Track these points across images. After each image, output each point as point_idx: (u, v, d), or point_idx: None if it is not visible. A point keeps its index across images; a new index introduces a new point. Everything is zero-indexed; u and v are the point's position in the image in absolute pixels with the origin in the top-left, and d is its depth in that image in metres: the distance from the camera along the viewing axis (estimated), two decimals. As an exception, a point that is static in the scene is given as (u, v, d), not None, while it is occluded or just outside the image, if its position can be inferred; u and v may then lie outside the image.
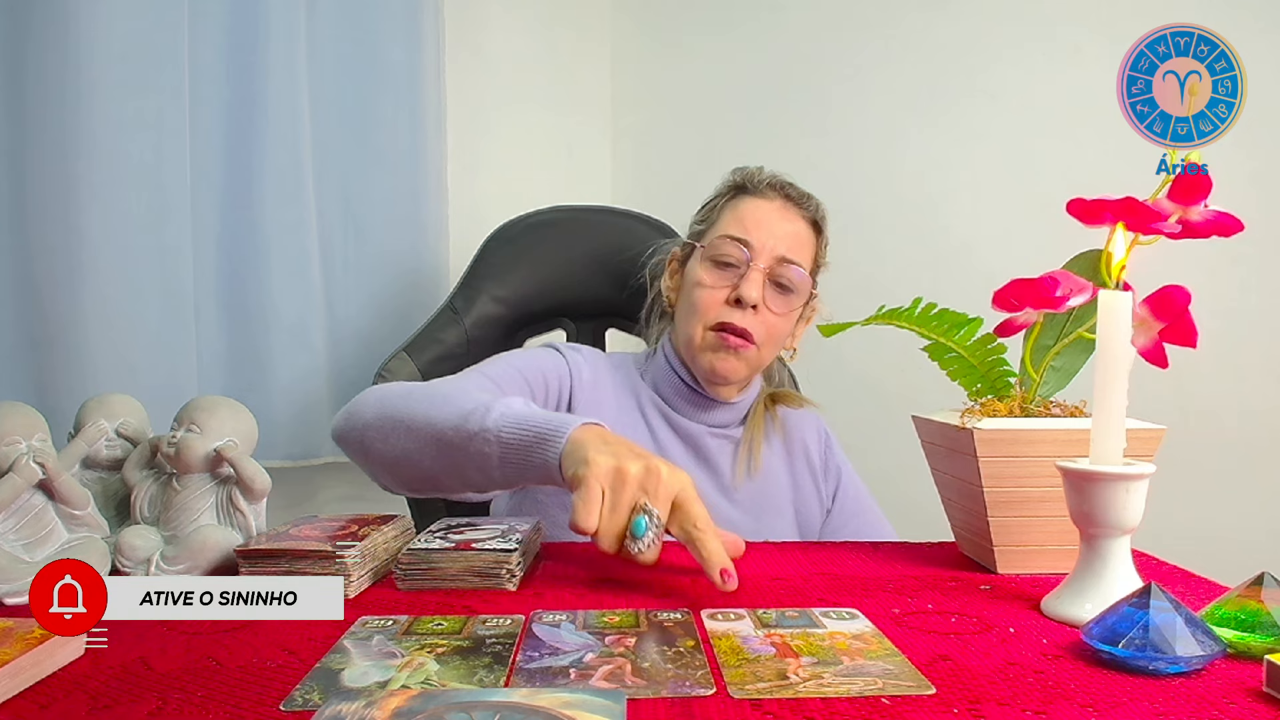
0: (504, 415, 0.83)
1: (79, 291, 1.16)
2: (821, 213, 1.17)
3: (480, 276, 1.40)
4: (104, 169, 1.17)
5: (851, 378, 1.71)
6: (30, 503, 0.78)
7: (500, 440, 0.83)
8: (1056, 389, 0.87)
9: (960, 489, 0.87)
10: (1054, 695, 0.54)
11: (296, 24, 1.36)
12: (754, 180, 1.16)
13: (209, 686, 0.55)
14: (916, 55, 1.78)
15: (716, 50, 1.90)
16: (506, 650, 0.61)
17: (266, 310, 1.35)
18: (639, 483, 0.73)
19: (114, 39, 1.17)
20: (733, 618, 0.69)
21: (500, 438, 0.83)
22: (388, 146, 1.49)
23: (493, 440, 0.83)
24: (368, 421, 0.93)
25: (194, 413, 0.84)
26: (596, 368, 1.17)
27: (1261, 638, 0.60)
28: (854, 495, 1.24)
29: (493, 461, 0.83)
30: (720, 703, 0.53)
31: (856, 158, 1.81)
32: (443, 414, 0.87)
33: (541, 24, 1.86)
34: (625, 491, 0.73)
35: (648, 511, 0.73)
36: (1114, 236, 0.73)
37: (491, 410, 0.84)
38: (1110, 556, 0.69)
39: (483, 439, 0.83)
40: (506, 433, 0.82)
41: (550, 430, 0.80)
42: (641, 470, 0.73)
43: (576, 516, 0.72)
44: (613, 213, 1.50)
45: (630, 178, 1.96)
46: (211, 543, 0.79)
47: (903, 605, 0.73)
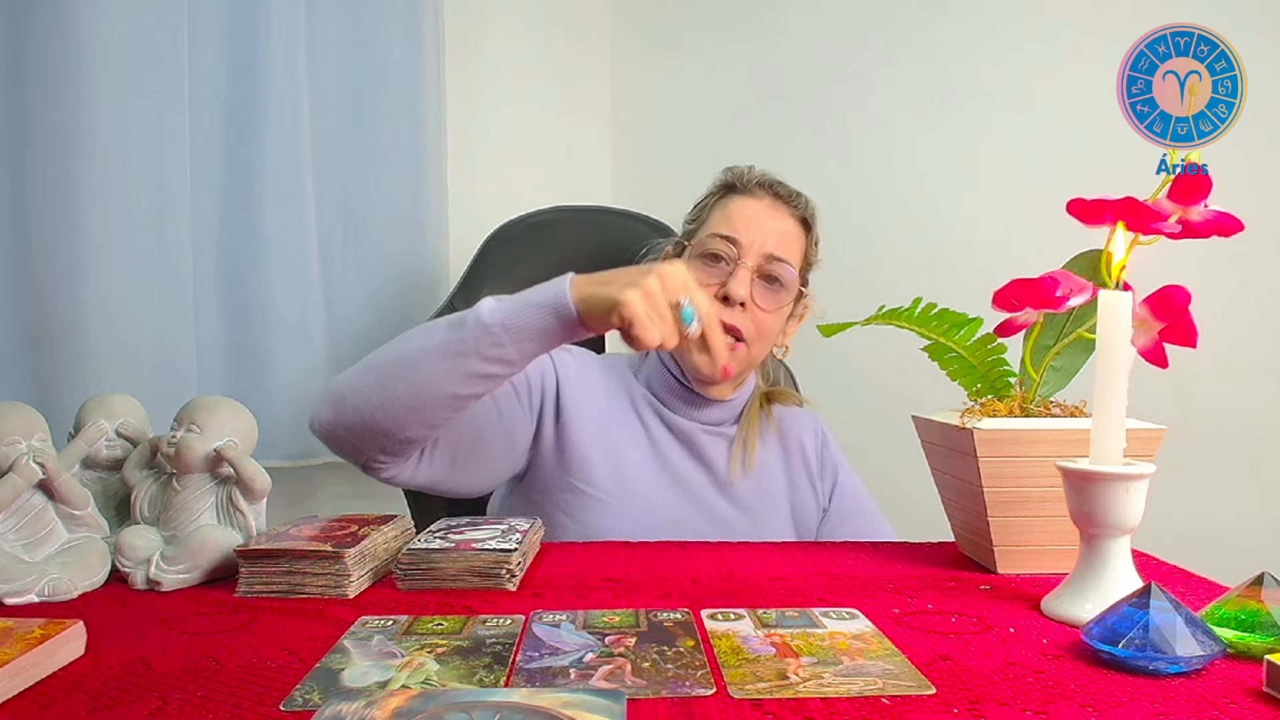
0: (494, 310, 0.87)
1: (79, 291, 1.16)
2: (811, 211, 1.18)
3: (480, 276, 1.40)
4: (104, 169, 1.17)
5: (851, 378, 1.71)
6: (30, 503, 0.78)
7: (506, 328, 0.86)
8: (1056, 389, 0.87)
9: (960, 489, 0.87)
10: (1054, 695, 0.54)
11: (296, 24, 1.36)
12: (743, 179, 1.16)
13: (209, 686, 0.55)
14: (917, 55, 1.78)
15: (716, 50, 1.90)
16: (506, 650, 0.61)
17: (266, 310, 1.34)
18: (662, 288, 0.84)
19: (114, 39, 1.17)
20: (733, 618, 0.69)
21: (506, 327, 0.86)
22: (388, 146, 1.49)
23: (499, 332, 0.86)
24: (358, 385, 0.92)
25: (194, 413, 0.84)
26: (586, 366, 1.17)
27: (1261, 638, 0.60)
28: (852, 495, 1.24)
29: (508, 350, 0.87)
30: (720, 703, 0.53)
31: (857, 158, 1.81)
32: (433, 339, 0.90)
33: (541, 24, 1.86)
34: (659, 301, 0.83)
35: (683, 303, 0.84)
36: (1114, 236, 0.73)
37: (480, 312, 0.88)
38: (1110, 556, 0.69)
39: (489, 337, 0.87)
40: (511, 321, 0.87)
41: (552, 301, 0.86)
42: (656, 279, 0.84)
43: (645, 340, 0.82)
44: (612, 213, 1.50)
45: (630, 178, 1.96)
46: (211, 543, 0.79)
47: (903, 605, 0.73)
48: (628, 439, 1.13)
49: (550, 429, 1.11)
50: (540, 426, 1.11)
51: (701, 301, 0.85)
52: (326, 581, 0.75)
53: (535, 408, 1.10)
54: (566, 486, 1.09)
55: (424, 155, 1.52)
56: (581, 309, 0.85)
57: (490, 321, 0.86)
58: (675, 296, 0.84)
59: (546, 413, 1.11)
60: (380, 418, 0.91)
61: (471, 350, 0.87)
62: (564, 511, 1.08)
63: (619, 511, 1.08)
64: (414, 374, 0.89)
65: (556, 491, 1.09)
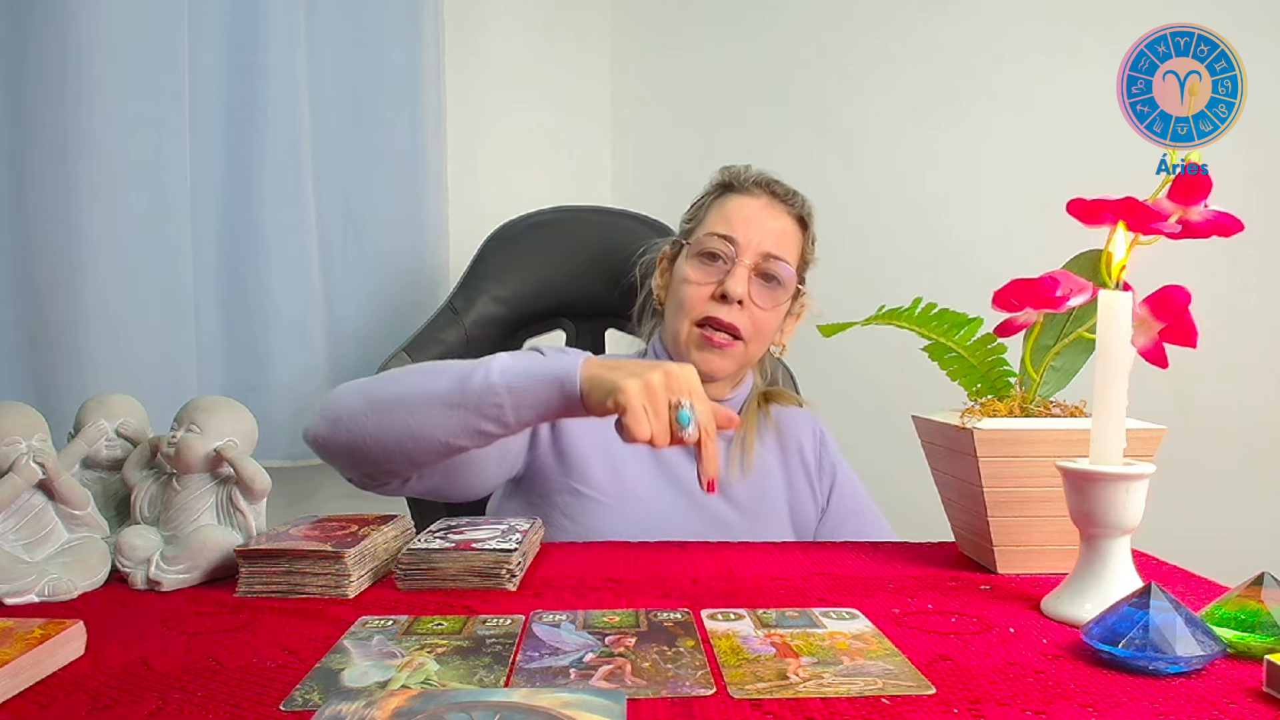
0: (505, 370, 0.87)
1: (79, 291, 1.16)
2: (808, 209, 1.18)
3: (480, 276, 1.40)
4: (104, 169, 1.17)
5: (851, 377, 1.71)
6: (30, 503, 0.78)
7: (510, 391, 0.86)
8: (1056, 389, 0.87)
9: (960, 489, 0.87)
10: (1054, 695, 0.54)
11: (296, 24, 1.36)
12: (740, 178, 1.17)
13: (209, 686, 0.55)
14: (917, 56, 1.78)
15: (716, 50, 1.90)
16: (506, 650, 0.61)
17: (266, 310, 1.34)
18: (665, 386, 0.83)
19: (114, 39, 1.17)
20: (733, 618, 0.69)
21: (511, 389, 0.86)
22: (388, 146, 1.49)
23: (502, 392, 0.86)
24: (355, 411, 0.92)
25: (194, 413, 0.84)
26: None
27: (1261, 638, 0.60)
28: (851, 495, 1.24)
29: (507, 413, 0.87)
30: (720, 703, 0.53)
31: (857, 158, 1.81)
32: (437, 385, 0.89)
33: (541, 24, 1.86)
34: (659, 397, 0.82)
35: (682, 405, 0.83)
36: (1114, 236, 0.73)
37: (491, 369, 0.87)
38: (1110, 556, 0.69)
39: (492, 395, 0.86)
40: (516, 385, 0.86)
41: (560, 375, 0.86)
42: (662, 375, 0.83)
43: (634, 432, 0.81)
44: (612, 213, 1.50)
45: (630, 178, 1.96)
46: (211, 543, 0.79)
47: (903, 605, 0.73)
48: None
49: (547, 431, 1.11)
50: (537, 429, 1.11)
51: (703, 410, 0.83)
52: (326, 581, 0.75)
53: None
54: (564, 488, 1.09)
55: (424, 155, 1.52)
56: (585, 388, 0.84)
57: (498, 382, 0.86)
58: (677, 396, 0.83)
59: None
60: (371, 448, 0.91)
61: (472, 406, 0.87)
62: (562, 513, 1.08)
63: (617, 512, 1.08)
64: (410, 416, 0.89)
65: (555, 493, 1.09)
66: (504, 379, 0.86)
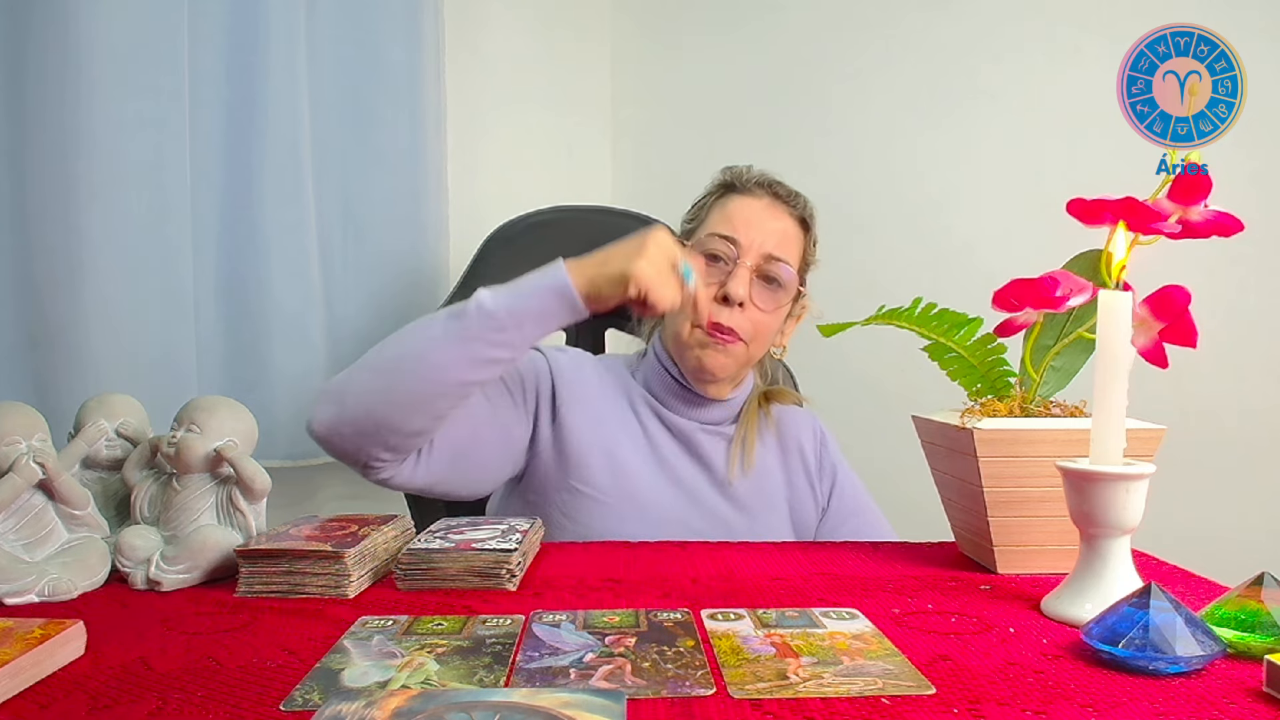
0: (494, 297, 0.91)
1: (79, 291, 1.16)
2: (810, 211, 1.18)
3: (480, 276, 1.40)
4: (104, 169, 1.17)
5: (851, 377, 1.71)
6: (30, 503, 0.78)
7: (510, 313, 0.90)
8: (1056, 389, 0.87)
9: (960, 489, 0.87)
10: (1054, 695, 0.54)
11: (296, 24, 1.36)
12: (742, 179, 1.16)
13: (209, 686, 0.55)
14: (917, 56, 1.78)
15: (716, 50, 1.90)
16: (506, 650, 0.61)
17: (266, 310, 1.34)
18: (662, 255, 0.92)
19: (114, 39, 1.17)
20: (733, 618, 0.69)
21: (510, 311, 0.90)
22: (388, 146, 1.49)
23: (502, 316, 0.90)
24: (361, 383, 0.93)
25: (194, 413, 0.84)
26: (581, 365, 1.17)
27: (1261, 638, 0.60)
28: (851, 495, 1.24)
29: (511, 335, 0.91)
30: (720, 703, 0.53)
31: (857, 158, 1.81)
32: (435, 330, 0.93)
33: (541, 24, 1.86)
34: (663, 266, 0.91)
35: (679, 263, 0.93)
36: (1114, 236, 0.73)
37: (480, 300, 0.91)
38: (1110, 556, 0.69)
39: (492, 321, 0.90)
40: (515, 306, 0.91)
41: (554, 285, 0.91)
42: (654, 246, 0.92)
43: (664, 303, 0.91)
44: (612, 213, 1.50)
45: (630, 178, 1.96)
46: (211, 543, 0.79)
47: (903, 605, 0.73)
48: (625, 439, 1.13)
49: (547, 429, 1.11)
50: (537, 427, 1.11)
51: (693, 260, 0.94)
52: (326, 581, 0.75)
53: (531, 408, 1.10)
54: (564, 487, 1.09)
55: (424, 155, 1.52)
56: (587, 290, 0.90)
57: (493, 309, 0.90)
58: (673, 259, 0.92)
59: (543, 413, 1.11)
60: (388, 411, 0.92)
61: (477, 336, 0.91)
62: (562, 512, 1.08)
63: (617, 512, 1.08)
64: (421, 364, 0.92)
65: (554, 492, 1.09)
66: (497, 304, 0.90)
